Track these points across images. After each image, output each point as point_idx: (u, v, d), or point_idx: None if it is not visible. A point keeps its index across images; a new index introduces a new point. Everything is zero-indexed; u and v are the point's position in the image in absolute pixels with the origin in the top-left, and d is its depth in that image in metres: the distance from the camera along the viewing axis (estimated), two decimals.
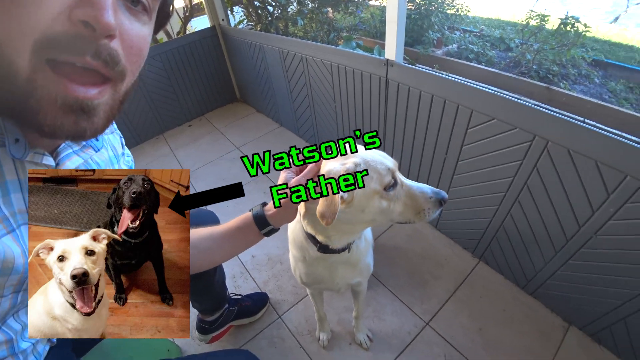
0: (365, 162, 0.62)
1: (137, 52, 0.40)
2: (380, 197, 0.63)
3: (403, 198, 0.65)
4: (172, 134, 2.73)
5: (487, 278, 1.43)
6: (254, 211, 0.70)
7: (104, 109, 0.39)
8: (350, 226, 0.69)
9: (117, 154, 0.63)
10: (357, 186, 0.57)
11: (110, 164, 0.60)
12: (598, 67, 3.82)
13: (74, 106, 0.35)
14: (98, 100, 0.37)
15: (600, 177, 0.91)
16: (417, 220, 0.67)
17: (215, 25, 2.56)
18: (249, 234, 0.70)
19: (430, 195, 0.65)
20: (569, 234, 1.07)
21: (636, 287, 0.98)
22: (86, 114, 0.37)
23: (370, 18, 4.35)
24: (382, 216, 0.65)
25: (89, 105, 0.37)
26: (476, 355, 1.20)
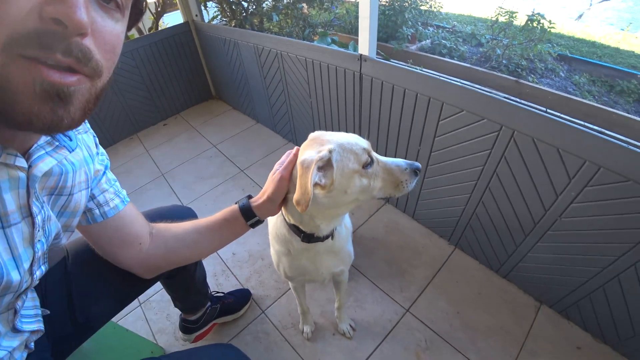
0: (340, 145, 0.64)
1: (111, 50, 0.40)
2: (360, 176, 0.65)
3: (381, 174, 0.68)
4: (146, 133, 2.67)
5: (462, 264, 1.49)
6: (240, 203, 0.72)
7: (80, 99, 0.38)
8: (335, 209, 0.71)
9: (92, 154, 0.62)
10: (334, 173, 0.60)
11: (85, 163, 0.59)
12: (563, 62, 4.01)
13: (50, 92, 0.34)
14: (75, 88, 0.36)
15: (562, 163, 0.97)
16: (397, 193, 0.70)
17: (188, 21, 2.51)
18: (236, 225, 0.72)
19: (405, 167, 0.69)
20: (537, 217, 1.13)
21: (598, 264, 1.05)
22: (62, 100, 0.36)
23: (345, 14, 4.38)
24: (364, 194, 0.68)
25: (64, 92, 0.36)
26: (455, 337, 1.25)
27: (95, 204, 0.64)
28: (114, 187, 0.68)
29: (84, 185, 0.58)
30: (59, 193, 0.53)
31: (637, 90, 3.38)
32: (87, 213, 0.63)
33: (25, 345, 0.58)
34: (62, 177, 0.52)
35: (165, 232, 0.75)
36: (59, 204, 0.54)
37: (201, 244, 0.74)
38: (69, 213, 0.56)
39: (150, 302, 1.46)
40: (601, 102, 3.26)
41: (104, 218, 0.65)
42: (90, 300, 0.74)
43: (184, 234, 0.74)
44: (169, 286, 1.08)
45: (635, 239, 0.91)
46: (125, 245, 0.70)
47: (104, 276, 0.76)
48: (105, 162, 0.67)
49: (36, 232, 0.47)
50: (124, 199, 0.69)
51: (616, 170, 0.86)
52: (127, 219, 0.69)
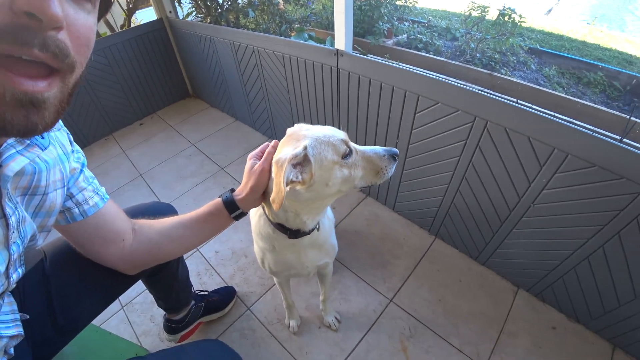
0: (316, 139, 0.64)
1: (85, 43, 0.39)
2: (341, 167, 0.66)
3: (361, 163, 0.69)
4: (122, 133, 2.59)
5: (443, 253, 1.53)
6: (223, 197, 0.73)
7: (54, 102, 0.37)
8: (319, 202, 0.72)
9: (67, 152, 0.60)
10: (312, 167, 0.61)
11: (59, 161, 0.57)
12: (534, 55, 4.14)
13: (23, 100, 0.34)
14: (48, 93, 0.35)
15: (533, 152, 1.01)
16: (379, 180, 0.72)
17: (162, 17, 2.44)
18: (220, 218, 0.73)
19: (383, 153, 0.71)
20: (511, 205, 1.18)
21: (570, 247, 1.10)
22: (36, 107, 0.35)
23: (321, 9, 4.37)
24: (345, 184, 0.68)
25: (39, 99, 0.35)
26: (438, 324, 1.29)
27: (74, 203, 0.63)
28: (93, 185, 0.67)
29: (60, 184, 0.57)
30: (32, 193, 0.51)
31: (603, 82, 3.53)
32: (65, 212, 0.62)
33: (4, 350, 0.56)
34: (36, 177, 0.51)
35: (148, 228, 0.74)
36: (33, 204, 0.52)
37: (186, 238, 0.74)
38: (44, 213, 0.55)
39: (133, 304, 1.44)
40: (570, 94, 3.39)
41: (83, 217, 0.64)
42: (71, 302, 0.73)
43: (169, 228, 0.73)
44: (151, 285, 1.06)
45: (602, 221, 0.96)
46: (108, 243, 0.69)
47: (84, 276, 0.75)
48: (82, 159, 0.66)
49: (11, 234, 0.46)
50: (104, 197, 0.68)
51: (582, 157, 0.91)
52: (108, 217, 0.68)
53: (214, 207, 0.74)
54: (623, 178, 0.86)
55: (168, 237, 0.74)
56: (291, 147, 0.63)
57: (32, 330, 0.67)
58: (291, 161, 0.59)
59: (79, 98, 2.26)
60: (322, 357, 1.23)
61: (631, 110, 3.04)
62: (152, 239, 0.73)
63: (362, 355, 1.22)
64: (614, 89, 3.47)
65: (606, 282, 1.07)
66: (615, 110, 2.80)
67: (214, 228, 0.76)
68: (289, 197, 0.67)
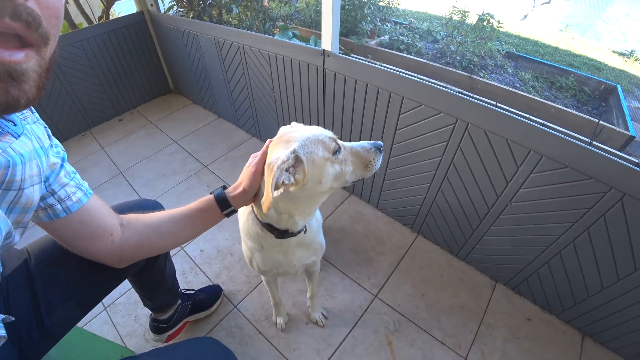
0: (306, 139, 0.66)
1: (55, 14, 0.38)
2: (332, 163, 0.68)
3: (350, 158, 0.72)
4: (100, 129, 2.51)
5: (425, 249, 1.58)
6: (215, 193, 0.73)
7: (33, 76, 0.37)
8: (312, 200, 0.73)
9: (44, 146, 0.58)
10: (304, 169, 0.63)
11: (36, 155, 0.54)
12: (511, 59, 4.30)
13: (0, 73, 0.33)
14: (26, 65, 0.35)
15: (511, 153, 1.07)
16: (368, 173, 0.75)
17: (143, 10, 2.38)
18: (211, 215, 0.73)
19: (370, 147, 0.74)
20: (490, 203, 1.23)
21: (543, 243, 1.17)
22: (15, 80, 0.34)
23: (305, 8, 4.37)
24: (337, 180, 0.71)
25: (17, 71, 0.34)
26: (420, 318, 1.34)
27: (56, 200, 0.60)
28: (75, 180, 0.65)
29: (37, 179, 0.54)
30: (6, 188, 0.48)
31: (574, 87, 3.72)
32: (48, 209, 0.60)
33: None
34: (10, 170, 0.48)
35: (137, 222, 0.73)
36: (7, 200, 0.50)
37: (176, 233, 0.74)
38: (20, 209, 0.52)
39: (116, 304, 1.41)
40: (544, 97, 3.55)
41: (67, 213, 0.62)
42: (57, 302, 0.71)
43: (158, 223, 0.73)
44: (138, 283, 1.05)
45: (573, 218, 1.03)
46: (95, 239, 0.67)
47: (70, 276, 0.73)
48: (62, 154, 0.64)
49: None
50: (87, 192, 0.66)
51: (556, 159, 0.97)
52: (94, 212, 0.67)
53: (205, 204, 0.74)
54: (592, 178, 0.93)
55: (157, 231, 0.73)
56: (281, 150, 0.64)
57: (18, 333, 0.66)
58: (282, 166, 0.60)
59: (54, 91, 2.18)
60: (309, 352, 1.25)
61: (599, 114, 3.21)
62: (142, 233, 0.73)
63: (349, 350, 1.25)
64: (584, 94, 3.66)
65: (576, 275, 1.14)
66: (585, 114, 2.95)
67: (203, 224, 0.76)
68: (282, 199, 0.69)
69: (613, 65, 4.41)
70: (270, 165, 0.62)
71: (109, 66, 2.40)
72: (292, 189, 0.65)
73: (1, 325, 0.55)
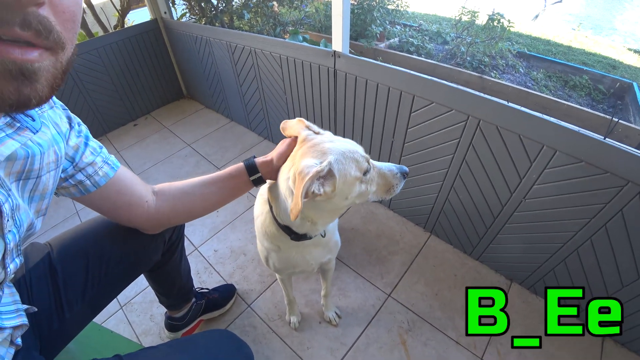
0: (342, 154, 0.65)
1: (71, 18, 0.37)
2: (360, 182, 0.68)
3: (376, 179, 0.73)
4: (116, 134, 2.58)
5: (438, 249, 1.57)
6: (245, 161, 0.77)
7: (46, 76, 0.36)
8: (334, 212, 0.75)
9: (62, 131, 0.59)
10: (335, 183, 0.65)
11: (54, 142, 0.55)
12: (522, 59, 4.25)
13: (13, 70, 0.33)
14: (39, 64, 0.34)
15: (524, 148, 1.06)
16: (388, 196, 0.76)
17: (157, 18, 2.45)
18: (240, 180, 0.77)
19: (396, 171, 0.75)
20: (504, 200, 1.22)
21: (560, 240, 1.15)
22: (27, 79, 0.34)
23: (315, 12, 4.42)
24: (360, 199, 0.72)
25: (29, 69, 0.34)
26: (435, 317, 1.33)
27: (84, 176, 0.64)
28: (102, 155, 0.67)
29: (53, 165, 0.55)
30: (26, 177, 0.50)
31: (588, 85, 3.65)
32: (78, 185, 0.63)
33: (11, 341, 0.57)
34: (29, 160, 0.49)
35: (170, 188, 0.77)
36: (28, 188, 0.51)
37: (207, 195, 0.78)
38: (38, 196, 0.54)
39: (132, 303, 1.44)
40: (557, 96, 3.50)
41: (96, 187, 0.65)
42: (77, 294, 0.74)
43: (190, 186, 0.77)
44: (154, 279, 1.07)
45: (590, 214, 1.01)
46: (132, 206, 0.71)
47: (89, 269, 0.76)
48: (84, 132, 0.66)
49: (5, 222, 0.45)
50: (114, 166, 0.69)
51: (570, 153, 0.96)
52: (127, 182, 0.70)
53: (235, 170, 0.78)
54: (608, 173, 0.91)
55: (192, 196, 0.77)
56: (314, 160, 0.64)
57: (40, 323, 0.69)
58: (315, 176, 0.60)
59: (72, 97, 2.25)
60: (323, 351, 1.25)
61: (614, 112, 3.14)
62: (175, 196, 0.77)
63: (362, 349, 1.25)
64: (599, 92, 3.59)
65: (595, 272, 1.12)
66: (601, 112, 2.89)
67: (232, 189, 0.79)
68: (308, 206, 0.69)
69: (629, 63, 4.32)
70: (302, 172, 0.61)
71: (124, 73, 2.47)
72: (318, 199, 0.65)
73: (22, 313, 0.58)
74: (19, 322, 0.56)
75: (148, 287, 1.47)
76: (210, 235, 1.71)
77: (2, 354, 0.55)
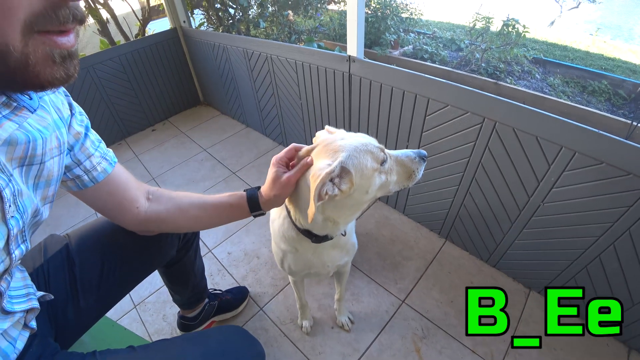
0: (355, 149, 0.65)
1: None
2: (379, 173, 0.67)
3: (395, 167, 0.72)
4: (135, 139, 2.65)
5: (453, 255, 1.54)
6: (248, 193, 0.74)
7: (77, 51, 0.43)
8: (356, 208, 0.73)
9: (63, 117, 0.59)
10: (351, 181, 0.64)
11: (56, 127, 0.55)
12: (538, 65, 4.19)
13: (65, 56, 0.40)
14: (76, 45, 0.42)
15: (541, 150, 1.04)
16: (410, 183, 0.74)
17: (176, 27, 2.53)
18: (239, 212, 0.75)
19: (414, 156, 0.73)
20: (521, 204, 1.20)
21: (581, 246, 1.11)
22: (72, 58, 0.41)
23: (329, 21, 4.47)
24: (381, 190, 0.70)
25: (72, 52, 0.41)
26: (450, 324, 1.30)
27: (82, 170, 0.63)
28: (100, 150, 0.67)
29: (56, 151, 0.55)
30: (29, 163, 0.50)
31: (608, 90, 3.56)
32: (76, 180, 0.63)
33: (24, 324, 0.58)
34: (30, 145, 0.49)
35: (167, 200, 0.76)
36: (32, 175, 0.51)
37: (201, 218, 0.76)
38: (44, 183, 0.54)
39: (146, 303, 1.46)
40: (575, 102, 3.43)
41: (94, 183, 0.65)
42: (93, 285, 0.76)
43: (188, 206, 0.75)
44: (168, 277, 1.09)
45: (612, 218, 0.98)
46: (122, 210, 0.71)
47: (106, 261, 0.78)
48: (85, 122, 0.66)
49: (7, 207, 0.45)
50: (111, 161, 0.69)
51: (590, 154, 0.93)
52: (120, 184, 0.70)
53: (236, 201, 0.74)
54: (630, 174, 0.89)
55: (183, 213, 0.76)
56: (328, 160, 0.64)
57: (55, 311, 0.70)
58: (326, 178, 0.60)
59: (94, 102, 2.34)
60: (335, 357, 1.24)
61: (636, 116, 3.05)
62: (169, 211, 0.75)
63: (375, 356, 1.23)
64: (619, 97, 3.50)
65: (618, 280, 1.08)
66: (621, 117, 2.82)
67: (229, 217, 0.78)
68: (328, 206, 0.68)
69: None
70: (314, 175, 0.61)
71: (144, 79, 2.54)
72: (337, 197, 0.64)
73: (34, 297, 0.59)
74: (29, 305, 0.57)
75: (162, 287, 1.49)
76: (224, 238, 1.72)
77: (14, 336, 0.56)
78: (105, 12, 2.77)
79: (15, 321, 0.56)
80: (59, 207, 2.02)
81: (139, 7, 2.98)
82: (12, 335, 0.56)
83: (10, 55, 0.35)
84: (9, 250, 0.48)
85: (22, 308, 0.56)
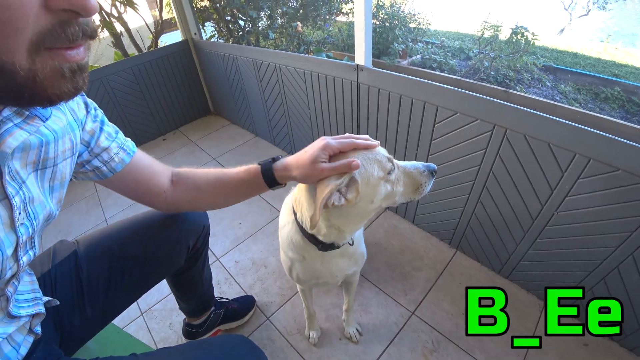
0: (363, 157, 0.65)
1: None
2: (385, 182, 0.67)
3: (402, 179, 0.71)
4: (146, 148, 2.66)
5: (464, 266, 1.51)
6: (262, 168, 0.70)
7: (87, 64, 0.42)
8: (361, 217, 0.73)
9: (78, 118, 0.59)
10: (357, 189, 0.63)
11: (69, 129, 0.56)
12: (548, 72, 4.15)
13: (75, 69, 0.39)
14: (86, 58, 0.41)
15: (554, 158, 1.01)
16: (417, 196, 0.73)
17: (187, 38, 2.58)
18: (257, 188, 0.74)
19: (423, 169, 0.72)
20: (534, 214, 1.17)
21: (598, 257, 1.07)
22: (81, 71, 0.40)
23: (337, 32, 4.52)
24: (387, 201, 0.70)
25: (83, 65, 0.40)
26: (461, 337, 1.26)
27: (100, 162, 0.65)
28: (117, 141, 0.68)
29: (69, 153, 0.56)
30: (43, 167, 0.50)
31: (621, 97, 3.50)
32: (95, 171, 0.65)
33: (29, 329, 0.58)
34: (43, 149, 0.49)
35: (188, 180, 0.77)
36: (47, 177, 0.52)
37: (216, 197, 0.78)
38: (59, 185, 0.55)
39: (152, 311, 1.45)
40: (587, 109, 3.37)
41: (113, 173, 0.67)
42: (100, 292, 0.76)
43: (204, 183, 0.77)
44: (176, 285, 1.08)
45: (631, 227, 0.95)
46: (151, 195, 0.74)
47: (113, 268, 0.78)
48: (100, 117, 0.66)
49: (16, 215, 0.45)
50: (130, 151, 0.70)
51: (605, 161, 0.91)
52: (144, 170, 0.72)
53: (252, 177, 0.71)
54: None
55: (200, 191, 0.77)
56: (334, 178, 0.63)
57: (61, 317, 0.70)
58: (335, 189, 0.60)
59: (107, 112, 2.35)
60: None
61: None
62: (190, 193, 0.77)
63: None
64: (633, 104, 3.43)
65: (638, 292, 1.03)
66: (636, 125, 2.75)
67: (247, 195, 0.78)
68: (333, 215, 0.68)
69: None
70: (323, 183, 0.61)
71: (155, 90, 2.60)
72: (343, 207, 0.64)
73: (40, 302, 0.59)
74: (35, 310, 0.57)
75: (169, 295, 1.49)
76: (232, 247, 1.72)
77: (19, 341, 0.56)
78: (120, 26, 2.85)
79: (21, 326, 0.56)
80: (70, 213, 2.05)
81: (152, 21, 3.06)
82: (17, 340, 0.56)
83: (17, 73, 0.34)
84: (17, 257, 0.48)
85: (28, 313, 0.56)
